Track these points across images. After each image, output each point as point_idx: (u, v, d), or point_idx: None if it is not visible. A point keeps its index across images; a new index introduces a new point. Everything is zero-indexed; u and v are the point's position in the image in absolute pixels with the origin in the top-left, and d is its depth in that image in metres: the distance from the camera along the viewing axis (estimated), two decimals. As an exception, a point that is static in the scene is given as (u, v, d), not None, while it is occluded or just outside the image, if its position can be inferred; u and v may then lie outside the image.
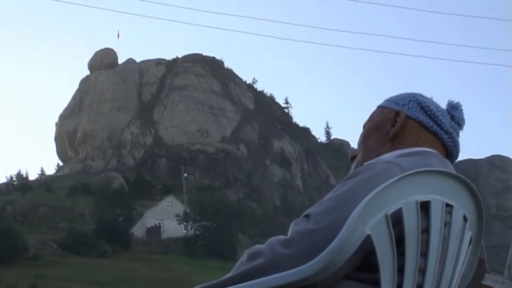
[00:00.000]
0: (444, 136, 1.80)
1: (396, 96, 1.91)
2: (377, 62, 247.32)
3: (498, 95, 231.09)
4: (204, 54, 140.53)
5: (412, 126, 1.81)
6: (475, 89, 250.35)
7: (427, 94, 1.91)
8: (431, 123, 1.80)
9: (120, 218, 75.79)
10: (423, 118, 1.81)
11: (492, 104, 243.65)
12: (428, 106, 1.82)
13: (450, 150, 1.83)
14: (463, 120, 1.86)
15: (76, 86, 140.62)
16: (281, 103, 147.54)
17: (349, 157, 1.95)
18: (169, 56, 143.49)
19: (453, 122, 1.84)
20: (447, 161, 1.77)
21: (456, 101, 1.88)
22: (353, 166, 1.88)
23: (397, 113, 1.82)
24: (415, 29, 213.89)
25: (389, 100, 1.91)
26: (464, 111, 1.87)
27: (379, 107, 1.93)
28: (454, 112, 1.85)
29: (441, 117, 1.81)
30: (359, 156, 1.87)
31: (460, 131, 1.86)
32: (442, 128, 1.80)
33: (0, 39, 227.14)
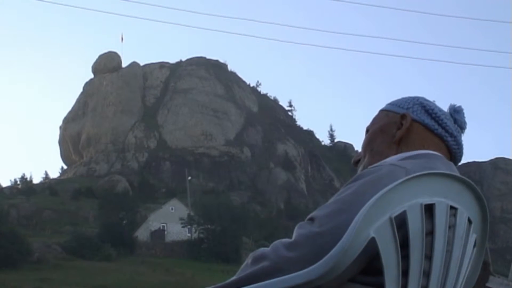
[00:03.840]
0: (449, 139, 1.82)
1: (399, 100, 1.92)
2: (380, 64, 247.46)
3: (502, 97, 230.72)
4: (207, 57, 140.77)
5: (418, 129, 1.82)
6: (480, 91, 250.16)
7: (431, 97, 1.92)
8: (436, 126, 1.82)
9: (124, 222, 75.74)
10: (428, 121, 1.82)
11: (497, 106, 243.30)
12: (433, 109, 1.84)
13: (454, 152, 1.84)
14: (465, 123, 1.87)
15: (80, 90, 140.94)
16: (285, 106, 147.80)
17: (352, 161, 1.96)
18: (172, 59, 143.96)
19: (456, 125, 1.85)
20: (451, 163, 1.78)
21: (458, 104, 1.89)
22: (359, 169, 1.87)
23: (403, 116, 1.83)
24: (417, 30, 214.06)
25: (392, 104, 1.92)
26: (466, 114, 1.88)
27: (382, 110, 1.94)
28: (457, 115, 1.86)
29: (445, 120, 1.82)
30: (365, 159, 1.87)
31: (462, 135, 1.87)
32: (447, 131, 1.82)
33: (4, 42, 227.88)
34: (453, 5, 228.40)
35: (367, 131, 1.93)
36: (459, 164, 1.87)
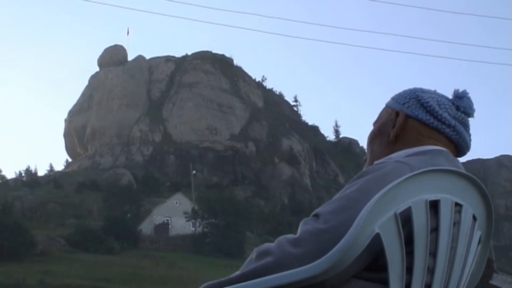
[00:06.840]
0: (447, 130, 1.80)
1: (399, 94, 1.91)
2: (386, 60, 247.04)
3: (507, 94, 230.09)
4: (213, 51, 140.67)
5: (413, 124, 1.81)
6: (484, 88, 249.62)
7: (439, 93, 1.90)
8: (431, 119, 1.80)
9: (128, 215, 75.89)
10: (422, 115, 1.81)
11: (501, 103, 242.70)
12: (427, 102, 1.82)
13: (456, 142, 1.82)
14: (470, 108, 1.83)
15: (86, 83, 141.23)
16: (290, 101, 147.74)
17: (364, 158, 1.97)
18: (178, 54, 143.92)
19: (459, 112, 1.81)
20: (456, 159, 1.78)
21: (461, 90, 1.86)
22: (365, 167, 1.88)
23: (396, 114, 1.84)
24: (418, 28, 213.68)
25: (393, 98, 1.92)
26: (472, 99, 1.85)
27: (386, 105, 1.94)
28: (459, 101, 1.83)
29: (441, 112, 1.80)
30: (368, 160, 1.90)
31: (471, 119, 1.84)
32: (443, 123, 1.80)
33: (10, 35, 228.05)
34: (455, 2, 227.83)
35: (373, 126, 1.94)
36: (463, 161, 1.86)
